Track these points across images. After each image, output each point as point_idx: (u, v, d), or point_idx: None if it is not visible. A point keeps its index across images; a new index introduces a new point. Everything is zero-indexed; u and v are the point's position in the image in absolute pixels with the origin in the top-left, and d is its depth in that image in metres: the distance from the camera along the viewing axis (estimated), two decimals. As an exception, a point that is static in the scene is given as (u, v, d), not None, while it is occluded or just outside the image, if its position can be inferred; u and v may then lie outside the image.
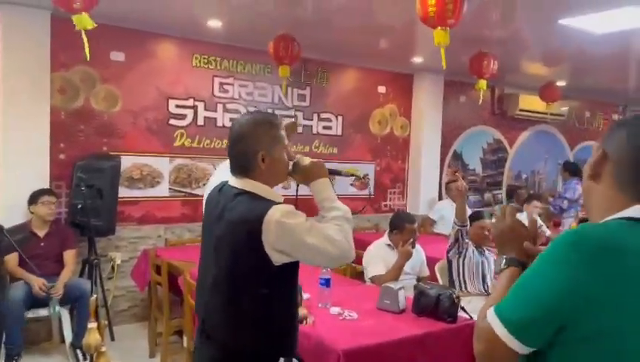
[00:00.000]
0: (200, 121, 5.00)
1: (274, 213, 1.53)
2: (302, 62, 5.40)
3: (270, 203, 1.59)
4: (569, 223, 6.13)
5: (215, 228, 1.66)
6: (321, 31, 4.57)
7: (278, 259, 1.55)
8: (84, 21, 2.98)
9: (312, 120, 5.70)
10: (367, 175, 6.11)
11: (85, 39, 3.05)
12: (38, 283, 3.66)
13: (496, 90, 7.14)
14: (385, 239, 3.58)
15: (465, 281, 3.42)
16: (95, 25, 3.04)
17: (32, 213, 3.95)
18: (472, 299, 3.32)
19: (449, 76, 6.42)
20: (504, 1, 3.68)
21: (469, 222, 3.48)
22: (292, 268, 1.63)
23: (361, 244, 4.69)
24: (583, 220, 5.73)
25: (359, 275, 3.65)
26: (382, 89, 6.20)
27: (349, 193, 6.02)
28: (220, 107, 5.09)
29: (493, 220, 3.45)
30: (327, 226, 1.60)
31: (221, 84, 5.09)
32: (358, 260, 4.18)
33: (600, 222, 1.01)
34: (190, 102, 4.94)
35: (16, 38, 4.03)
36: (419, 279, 3.53)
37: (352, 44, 5.11)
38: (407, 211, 6.43)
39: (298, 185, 1.85)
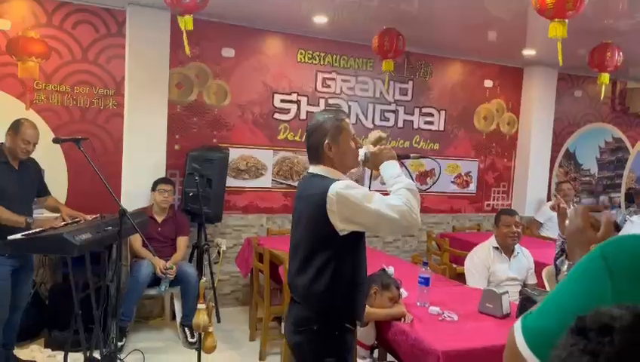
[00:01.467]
0: (302, 116, 5.12)
1: (335, 186, 1.78)
2: (405, 56, 5.33)
3: (334, 180, 1.83)
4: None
5: (297, 206, 1.99)
6: (425, 25, 4.48)
7: (342, 227, 1.78)
8: (187, 22, 3.18)
9: (413, 115, 5.61)
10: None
11: (185, 37, 3.26)
12: (160, 264, 3.98)
13: (617, 85, 6.54)
14: (492, 241, 3.42)
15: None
16: (191, 27, 3.21)
17: (153, 199, 4.29)
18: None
19: (563, 69, 5.99)
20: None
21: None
22: (356, 239, 1.85)
23: (461, 244, 4.57)
24: None
25: (459, 277, 3.54)
26: (488, 83, 5.94)
27: (451, 190, 5.88)
28: (322, 102, 5.18)
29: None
30: (388, 196, 1.81)
31: (324, 79, 5.17)
32: (458, 260, 4.07)
33: None
34: (294, 97, 5.07)
35: (141, 36, 4.38)
36: (524, 285, 3.34)
37: (457, 37, 4.95)
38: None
39: (371, 176, 2.07)
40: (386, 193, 1.88)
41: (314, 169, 1.95)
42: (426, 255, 5.26)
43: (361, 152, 1.99)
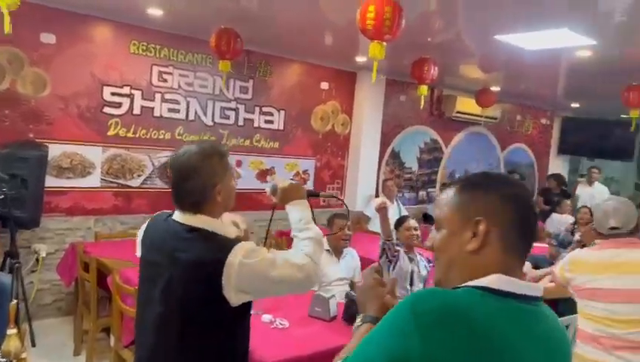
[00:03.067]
0: (136, 110, 4.82)
1: (236, 255, 1.48)
2: (245, 54, 5.32)
3: (229, 242, 1.54)
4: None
5: (164, 269, 1.55)
6: (264, 25, 4.52)
7: (237, 300, 1.50)
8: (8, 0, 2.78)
9: (253, 113, 5.65)
10: (307, 173, 6.14)
11: (6, 13, 2.83)
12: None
13: (435, 91, 7.35)
14: (324, 243, 3.60)
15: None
16: (18, 4, 2.83)
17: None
18: (401, 303, 3.44)
19: (391, 75, 6.54)
20: (445, 13, 3.78)
21: (394, 231, 3.60)
22: (247, 306, 1.59)
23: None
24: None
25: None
26: (325, 85, 6.23)
27: (288, 188, 6.05)
28: (158, 96, 4.94)
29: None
30: (290, 252, 1.62)
31: (160, 72, 4.93)
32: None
33: (448, 289, 0.96)
34: (126, 90, 4.75)
35: None
36: (352, 283, 3.61)
37: (296, 39, 5.09)
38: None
39: (274, 209, 1.86)
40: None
41: (188, 219, 1.57)
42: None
43: (270, 185, 1.81)
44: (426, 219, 6.78)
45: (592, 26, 3.63)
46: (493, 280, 0.94)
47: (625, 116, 7.04)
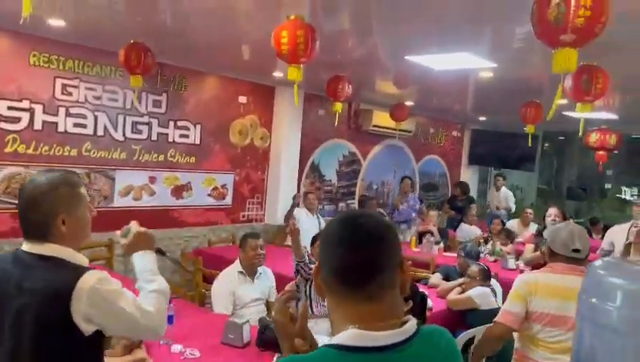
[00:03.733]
0: (37, 126, 4.52)
1: (85, 281, 1.44)
2: (158, 67, 5.14)
3: (80, 269, 1.50)
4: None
5: (12, 301, 1.47)
6: (178, 39, 4.40)
7: (87, 328, 1.45)
8: None
9: (167, 127, 5.47)
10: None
11: None
12: None
13: (352, 106, 7.51)
14: (237, 266, 3.54)
15: (311, 304, 3.54)
16: None
17: None
18: (318, 321, 3.45)
19: (309, 90, 6.59)
20: (359, 34, 3.88)
21: (311, 247, 3.62)
22: (101, 336, 1.53)
23: (215, 261, 4.65)
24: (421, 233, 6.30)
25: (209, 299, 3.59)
26: (243, 99, 6.17)
27: (207, 203, 5.93)
28: (62, 111, 4.65)
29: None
30: (143, 301, 1.57)
31: (64, 85, 4.65)
32: (211, 279, 4.13)
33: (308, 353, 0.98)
34: (26, 104, 4.43)
35: None
36: (267, 303, 3.58)
37: (212, 53, 5.00)
38: (265, 222, 6.53)
39: (124, 250, 1.74)
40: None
41: (37, 248, 1.52)
42: (179, 273, 5.21)
43: (125, 228, 1.72)
44: None
45: (491, 51, 3.87)
46: (349, 337, 0.93)
47: (526, 130, 7.58)
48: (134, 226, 1.72)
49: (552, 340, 2.29)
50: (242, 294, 3.40)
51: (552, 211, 4.36)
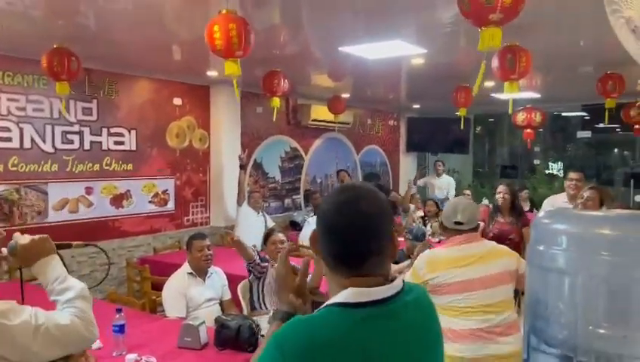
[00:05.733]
0: (-44, 142, 4.22)
1: None
2: (86, 73, 4.93)
3: None
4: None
5: None
6: (105, 43, 4.24)
7: None
8: None
9: (101, 135, 5.26)
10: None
11: None
12: None
13: (290, 101, 7.51)
14: (186, 267, 3.48)
15: (264, 301, 3.53)
16: None
17: None
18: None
19: (245, 88, 6.54)
20: (291, 27, 3.89)
21: (261, 245, 3.62)
22: None
23: (162, 268, 4.54)
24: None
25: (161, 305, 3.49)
26: (178, 101, 6.03)
27: (148, 210, 5.76)
28: (-18, 124, 4.37)
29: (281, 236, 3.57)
30: (57, 315, 1.43)
31: (-17, 98, 4.37)
32: (159, 286, 4.02)
33: (312, 313, 1.04)
34: (-59, 120, 4.14)
35: None
36: (221, 302, 3.54)
37: (141, 56, 4.86)
38: (211, 224, 6.43)
39: (21, 270, 1.60)
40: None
41: None
42: (126, 284, 5.05)
43: (9, 244, 1.53)
44: (293, 225, 6.91)
45: (421, 37, 4.00)
46: (348, 295, 1.01)
47: (458, 113, 7.88)
48: (19, 238, 1.53)
49: (461, 304, 2.43)
50: (194, 295, 3.34)
51: (501, 188, 4.56)
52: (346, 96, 7.16)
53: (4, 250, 1.53)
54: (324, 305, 1.03)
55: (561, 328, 1.28)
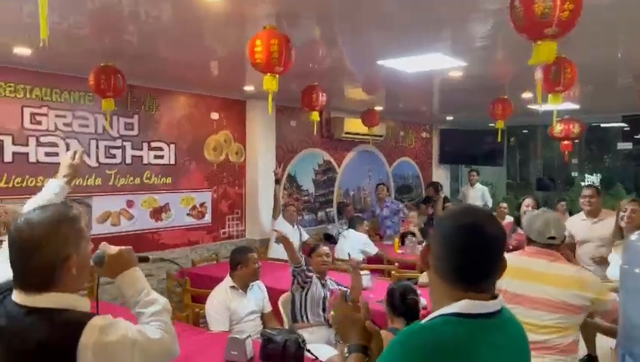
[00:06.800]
0: (8, 158, 4.38)
1: (91, 333, 1.27)
2: (128, 89, 5.06)
3: (80, 318, 1.30)
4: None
5: None
6: (147, 61, 4.36)
7: None
8: None
9: (141, 150, 5.39)
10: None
11: None
12: None
13: (323, 115, 7.56)
14: (228, 281, 3.50)
15: (306, 313, 3.54)
16: None
17: None
18: (314, 330, 3.46)
19: (280, 102, 6.61)
20: (330, 41, 3.93)
21: (304, 259, 3.63)
22: None
23: (201, 280, 4.59)
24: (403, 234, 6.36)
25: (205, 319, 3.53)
26: (215, 115, 6.14)
27: (187, 223, 5.85)
28: (32, 140, 4.53)
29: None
30: (147, 330, 1.42)
31: (32, 114, 4.54)
32: (199, 299, 4.07)
33: (427, 320, 1.11)
34: (-7, 136, 4.31)
35: None
36: (262, 315, 3.55)
37: (181, 72, 4.97)
38: (247, 237, 6.48)
39: (99, 280, 1.60)
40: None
41: (33, 300, 1.29)
42: (166, 295, 5.11)
43: (96, 253, 1.53)
44: (327, 238, 6.90)
45: (461, 50, 3.98)
46: (463, 306, 1.08)
47: (492, 125, 7.79)
48: (107, 248, 1.55)
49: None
50: (237, 308, 3.36)
51: (528, 201, 4.50)
52: (379, 108, 7.16)
53: (91, 261, 1.48)
54: (438, 314, 1.09)
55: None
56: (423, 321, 1.12)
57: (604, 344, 3.67)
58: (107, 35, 3.65)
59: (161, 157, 5.58)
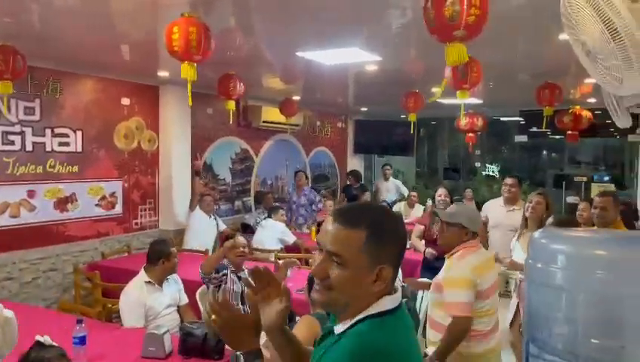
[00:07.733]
0: None
1: None
2: (29, 71, 4.67)
3: None
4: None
5: None
6: (50, 41, 4.06)
7: None
8: None
9: (44, 136, 5.02)
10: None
11: None
12: None
13: (241, 103, 7.46)
14: (143, 276, 3.37)
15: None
16: None
17: None
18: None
19: (195, 88, 6.36)
20: (246, 30, 3.88)
21: (213, 248, 3.58)
22: None
23: (113, 273, 4.40)
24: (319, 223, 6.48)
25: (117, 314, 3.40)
26: (126, 101, 5.85)
27: (95, 214, 5.56)
28: None
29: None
30: None
31: None
32: (111, 293, 3.91)
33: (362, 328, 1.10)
34: None
35: None
36: (179, 308, 3.49)
37: (89, 55, 4.68)
38: (160, 228, 6.29)
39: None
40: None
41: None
42: (73, 290, 4.85)
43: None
44: (245, 228, 6.87)
45: (376, 45, 4.11)
46: (386, 303, 1.12)
47: (404, 117, 8.12)
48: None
49: (484, 309, 2.48)
50: (154, 304, 3.27)
51: (441, 191, 4.74)
52: (297, 98, 7.20)
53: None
54: (366, 315, 1.09)
55: (561, 339, 1.38)
56: (379, 333, 1.11)
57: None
58: (5, 14, 3.34)
59: (67, 144, 5.24)
